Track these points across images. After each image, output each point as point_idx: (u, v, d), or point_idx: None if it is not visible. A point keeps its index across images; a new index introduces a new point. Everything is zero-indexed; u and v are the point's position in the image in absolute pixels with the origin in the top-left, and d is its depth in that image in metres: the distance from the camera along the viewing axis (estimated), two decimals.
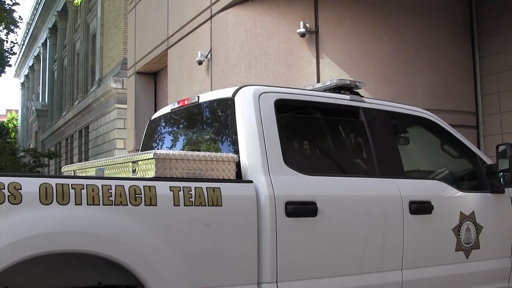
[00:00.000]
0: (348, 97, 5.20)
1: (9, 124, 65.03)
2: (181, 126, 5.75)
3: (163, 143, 5.78)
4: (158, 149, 5.62)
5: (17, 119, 64.94)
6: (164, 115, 5.73)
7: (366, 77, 9.59)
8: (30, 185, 3.44)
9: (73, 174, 5.25)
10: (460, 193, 5.45)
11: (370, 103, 5.26)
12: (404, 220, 4.92)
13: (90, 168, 5.01)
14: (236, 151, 4.43)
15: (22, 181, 3.42)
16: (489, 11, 11.34)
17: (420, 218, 5.03)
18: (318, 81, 9.92)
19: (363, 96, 5.33)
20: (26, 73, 60.70)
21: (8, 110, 79.07)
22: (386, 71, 10.41)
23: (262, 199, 4.19)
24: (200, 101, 5.12)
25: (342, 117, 5.26)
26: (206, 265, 3.93)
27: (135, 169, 4.17)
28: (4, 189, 3.34)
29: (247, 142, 4.41)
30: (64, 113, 35.81)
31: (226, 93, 4.80)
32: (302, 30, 9.92)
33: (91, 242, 3.54)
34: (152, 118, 5.91)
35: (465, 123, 10.71)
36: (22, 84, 63.99)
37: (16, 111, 69.76)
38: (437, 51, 10.93)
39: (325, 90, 5.31)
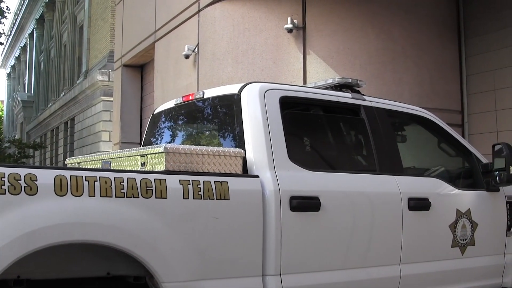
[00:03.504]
0: (349, 95, 5.33)
1: None
2: (185, 121, 5.87)
3: (167, 137, 5.89)
4: (161, 143, 5.74)
5: (2, 110, 64.59)
6: (167, 109, 5.82)
7: (353, 74, 9.61)
8: (45, 176, 3.53)
9: (77, 167, 5.32)
10: (456, 191, 5.59)
11: (371, 101, 5.39)
12: (403, 216, 5.05)
13: (95, 160, 5.11)
14: (241, 146, 4.54)
15: (38, 172, 3.51)
16: (477, 10, 11.44)
17: (418, 215, 5.16)
18: (305, 77, 9.97)
19: (364, 95, 5.44)
20: (12, 64, 60.38)
21: None
22: (372, 68, 10.46)
23: (267, 193, 4.31)
24: (205, 97, 5.22)
25: (344, 115, 5.40)
26: (213, 257, 4.05)
27: (144, 163, 4.26)
28: (20, 180, 3.43)
29: (253, 138, 4.52)
30: (50, 104, 35.65)
31: (231, 89, 4.89)
32: (289, 26, 9.96)
33: (104, 233, 3.64)
34: (155, 112, 6.01)
35: (451, 121, 10.75)
36: (8, 74, 63.66)
37: (2, 101, 69.35)
38: (424, 49, 11.03)
39: (326, 88, 5.43)
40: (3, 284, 3.64)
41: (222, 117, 5.24)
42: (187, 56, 11.00)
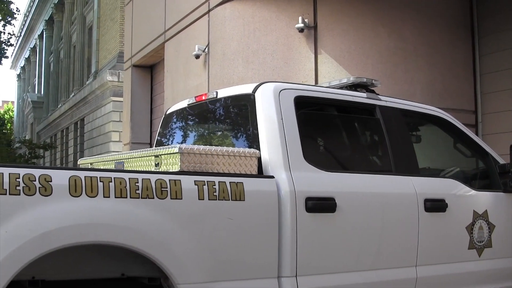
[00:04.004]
0: (365, 95, 5.27)
1: (5, 115, 64.88)
2: (197, 121, 5.82)
3: (179, 137, 5.84)
4: (173, 143, 5.70)
5: (13, 111, 64.85)
6: (180, 109, 5.77)
7: (365, 74, 9.47)
8: (60, 177, 3.51)
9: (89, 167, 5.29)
10: (473, 192, 5.51)
11: (386, 101, 5.33)
12: (419, 217, 4.99)
13: (108, 161, 5.07)
14: (255, 147, 4.49)
15: (53, 173, 3.49)
16: (490, 8, 11.31)
17: (434, 216, 5.10)
18: (316, 77, 9.88)
19: (379, 94, 5.38)
20: (22, 65, 60.59)
21: (4, 102, 78.89)
22: (384, 67, 10.36)
23: (283, 194, 4.25)
24: (218, 97, 5.16)
25: (359, 115, 5.33)
26: (228, 258, 4.01)
27: (158, 163, 4.22)
28: (35, 181, 3.41)
29: (268, 138, 4.46)
30: (60, 105, 35.74)
31: (245, 89, 4.83)
32: (300, 25, 9.87)
33: (119, 234, 3.61)
34: (167, 112, 5.95)
35: (464, 121, 10.53)
36: (18, 75, 63.87)
37: (12, 102, 69.63)
38: (436, 48, 10.91)
39: (341, 88, 5.37)
40: (17, 285, 3.58)
41: (236, 117, 5.18)
42: (197, 56, 10.95)
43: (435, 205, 5.08)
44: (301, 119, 4.61)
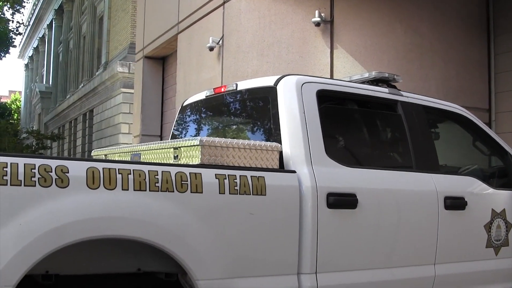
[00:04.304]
0: (387, 90, 5.20)
1: (12, 105, 64.92)
2: (216, 113, 5.72)
3: (196, 130, 5.76)
4: (189, 136, 5.62)
5: (20, 101, 64.84)
6: (197, 101, 5.68)
7: (380, 69, 9.37)
8: (77, 168, 3.40)
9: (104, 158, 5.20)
10: (491, 190, 5.46)
11: (407, 97, 5.27)
12: (439, 215, 4.94)
13: (123, 152, 4.99)
14: (277, 141, 4.39)
15: (70, 164, 3.39)
16: (507, 7, 11.21)
17: (454, 214, 5.05)
18: (332, 72, 9.81)
19: (400, 90, 5.31)
20: (30, 55, 60.54)
21: (11, 91, 78.99)
22: (400, 63, 10.29)
23: (304, 189, 4.17)
24: (238, 89, 5.07)
25: (381, 110, 5.26)
26: (248, 254, 3.93)
27: (177, 155, 4.13)
28: (51, 172, 3.31)
29: (290, 132, 4.37)
30: (69, 95, 35.69)
31: (267, 81, 4.74)
32: (317, 19, 9.78)
33: (138, 228, 3.52)
34: (184, 104, 5.87)
35: None
36: (26, 65, 63.86)
37: (20, 92, 69.62)
38: (452, 45, 10.85)
39: (362, 82, 5.29)
40: (31, 279, 3.51)
41: (256, 110, 5.09)
42: (211, 49, 10.88)
43: (455, 203, 5.03)
44: (323, 113, 4.53)
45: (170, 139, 5.08)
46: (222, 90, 5.23)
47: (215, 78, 10.78)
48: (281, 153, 4.31)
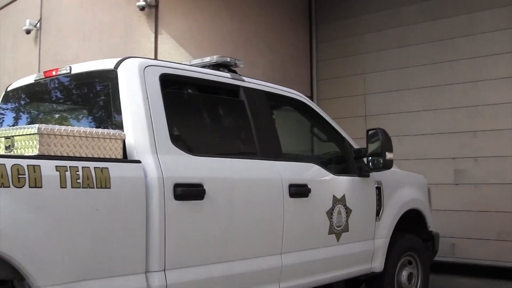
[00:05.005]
0: (229, 75, 5.04)
1: None
2: (48, 99, 5.22)
3: (26, 117, 5.20)
4: (17, 124, 5.06)
5: None
6: (25, 86, 5.11)
7: (206, 55, 9.28)
8: None
9: None
10: (332, 176, 5.49)
11: (250, 82, 5.14)
12: (284, 203, 4.85)
13: None
14: (119, 128, 4.05)
15: None
16: None
17: (298, 202, 4.99)
18: (156, 57, 9.53)
19: (242, 75, 5.18)
20: None
21: None
22: (225, 49, 10.15)
23: (150, 181, 3.88)
24: (72, 72, 4.62)
25: (225, 96, 5.06)
26: (94, 254, 3.57)
27: (9, 145, 3.67)
28: None
29: (133, 119, 4.06)
30: None
31: (106, 64, 4.39)
32: (141, 3, 9.43)
33: None
34: (9, 89, 5.27)
35: None
36: None
37: None
38: (277, 33, 10.96)
39: (203, 67, 5.08)
40: None
41: (95, 96, 4.67)
42: (28, 31, 10.25)
43: (299, 191, 4.98)
44: (167, 99, 4.26)
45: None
46: (54, 73, 4.75)
47: (31, 62, 10.16)
48: (124, 141, 3.99)
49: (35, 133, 3.53)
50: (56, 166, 3.43)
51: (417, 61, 10.20)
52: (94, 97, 4.69)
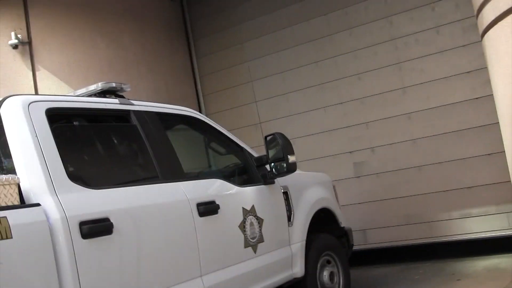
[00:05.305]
0: (117, 101, 4.91)
1: None
2: None
3: None
4: None
5: None
6: None
7: (88, 85, 9.09)
8: None
9: None
10: (238, 188, 5.44)
11: (139, 105, 5.03)
12: (195, 224, 4.75)
13: None
14: (11, 172, 3.83)
15: None
16: (201, 11, 11.58)
17: (209, 220, 4.91)
18: (37, 94, 9.24)
19: (130, 99, 5.05)
20: None
21: None
22: (107, 78, 9.84)
23: (53, 223, 3.68)
24: None
25: (116, 123, 4.92)
26: None
27: None
28: None
29: (24, 161, 3.85)
30: None
31: None
32: (14, 41, 9.16)
33: None
34: None
35: None
36: None
37: None
38: (156, 54, 10.88)
39: (90, 96, 4.93)
40: None
41: None
42: None
43: (208, 208, 4.90)
44: (57, 134, 4.07)
45: None
46: None
47: None
48: (19, 185, 3.76)
49: None
50: None
51: (299, 62, 10.34)
52: None
